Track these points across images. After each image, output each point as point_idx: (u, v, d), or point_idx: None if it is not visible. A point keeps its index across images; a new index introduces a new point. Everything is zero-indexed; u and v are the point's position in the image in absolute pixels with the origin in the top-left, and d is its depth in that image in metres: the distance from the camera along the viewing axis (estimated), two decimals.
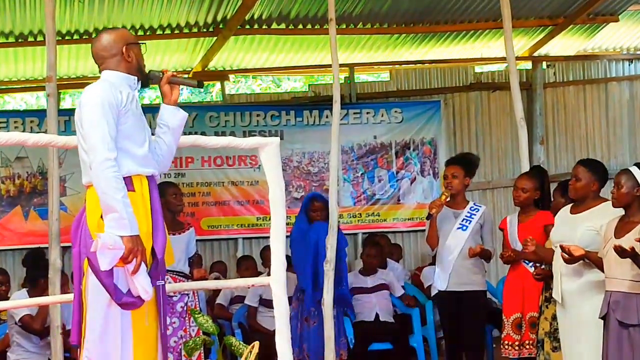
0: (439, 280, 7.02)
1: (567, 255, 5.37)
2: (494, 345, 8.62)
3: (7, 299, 7.82)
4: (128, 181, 4.07)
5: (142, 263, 4.01)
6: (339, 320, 7.82)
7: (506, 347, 6.59)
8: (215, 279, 9.05)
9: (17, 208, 9.75)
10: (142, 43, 4.34)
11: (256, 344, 4.99)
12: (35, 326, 7.15)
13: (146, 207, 4.13)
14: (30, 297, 7.03)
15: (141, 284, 4.02)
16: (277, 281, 4.81)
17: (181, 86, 4.57)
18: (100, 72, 4.30)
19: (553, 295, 5.72)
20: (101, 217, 4.00)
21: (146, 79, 4.35)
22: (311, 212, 7.93)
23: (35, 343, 7.28)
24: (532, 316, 6.44)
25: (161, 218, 4.21)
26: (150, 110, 6.27)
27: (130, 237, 3.95)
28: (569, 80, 11.51)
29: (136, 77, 4.25)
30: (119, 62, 4.20)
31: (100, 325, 4.03)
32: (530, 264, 6.43)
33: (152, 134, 4.39)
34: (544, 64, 11.35)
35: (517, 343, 6.52)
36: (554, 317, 5.90)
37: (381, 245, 9.32)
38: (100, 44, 4.23)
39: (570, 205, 5.82)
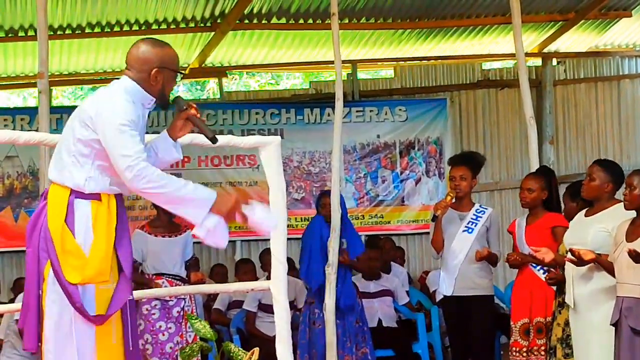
0: (444, 284, 6.97)
1: (574, 258, 5.30)
2: (502, 352, 8.69)
3: None
4: (95, 194, 3.95)
5: (244, 209, 4.01)
6: (348, 324, 7.61)
7: (514, 353, 6.51)
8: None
9: (7, 209, 9.69)
10: (181, 72, 4.29)
11: (256, 350, 5.01)
12: None
13: (111, 218, 4.00)
14: None
15: (262, 225, 4.08)
16: (277, 285, 4.81)
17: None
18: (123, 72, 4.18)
19: (566, 300, 5.68)
20: (65, 220, 3.88)
21: (166, 103, 4.20)
22: (321, 208, 7.81)
23: None
24: (539, 322, 6.38)
25: (128, 231, 4.09)
26: None
27: (214, 205, 3.92)
28: (580, 78, 11.48)
29: (154, 99, 4.11)
30: (142, 78, 4.05)
31: (62, 335, 3.91)
32: (539, 267, 6.35)
33: None
34: (554, 61, 11.31)
35: (524, 349, 6.44)
36: (567, 323, 5.82)
37: (383, 248, 9.32)
38: (137, 53, 4.07)
39: (586, 209, 5.75)
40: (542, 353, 6.31)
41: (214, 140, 4.25)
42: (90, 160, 3.93)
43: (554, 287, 6.08)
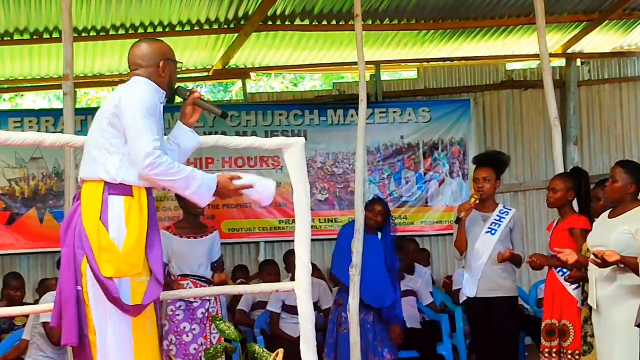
0: (468, 286, 6.95)
1: (598, 260, 5.26)
2: (527, 354, 8.58)
3: (22, 304, 7.82)
4: (127, 187, 4.12)
5: (244, 182, 4.25)
6: (378, 329, 7.54)
7: (542, 354, 6.51)
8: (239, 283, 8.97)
9: (32, 210, 9.70)
10: (180, 62, 4.45)
11: (280, 351, 5.00)
12: (54, 333, 7.01)
13: (143, 215, 4.17)
14: None
15: (261, 194, 4.32)
16: (301, 286, 4.75)
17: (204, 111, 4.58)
18: (129, 75, 4.36)
19: (588, 301, 5.65)
20: (100, 217, 4.04)
21: (173, 96, 4.43)
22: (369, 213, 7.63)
23: (55, 348, 7.15)
24: (552, 323, 6.40)
25: (157, 231, 4.25)
26: None
27: (216, 190, 4.18)
28: (604, 78, 11.42)
29: (164, 92, 4.34)
30: (152, 73, 4.29)
31: (105, 329, 4.07)
32: (558, 269, 6.34)
33: None
34: (578, 61, 11.27)
35: (546, 350, 6.44)
36: (585, 321, 5.84)
37: (407, 249, 9.26)
38: (140, 51, 4.32)
39: (609, 210, 5.72)
40: (554, 355, 6.33)
41: (224, 115, 4.55)
42: (119, 150, 4.10)
43: (574, 287, 6.11)
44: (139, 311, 4.07)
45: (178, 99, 4.48)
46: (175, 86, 4.42)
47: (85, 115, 9.57)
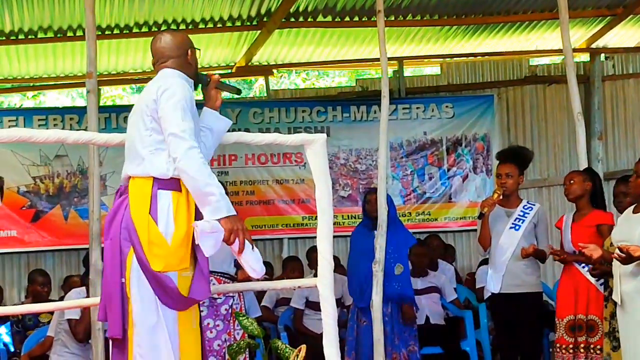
0: (492, 282, 6.94)
1: (623, 255, 5.21)
2: (551, 349, 8.51)
3: (47, 301, 7.84)
4: (175, 182, 4.12)
5: (246, 241, 4.09)
6: (395, 322, 7.56)
7: (558, 350, 6.51)
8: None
9: (57, 208, 9.74)
10: (198, 49, 4.44)
11: (303, 347, 4.98)
12: (79, 330, 7.08)
13: (190, 210, 4.16)
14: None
15: (248, 263, 4.11)
16: (324, 282, 4.71)
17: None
18: (155, 69, 4.37)
19: (612, 297, 5.60)
20: (149, 212, 4.05)
21: (197, 83, 4.45)
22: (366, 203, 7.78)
23: (80, 344, 7.17)
24: (580, 319, 6.39)
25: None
26: None
27: (227, 218, 4.04)
28: (628, 73, 11.37)
29: (192, 82, 4.37)
30: (181, 63, 4.32)
31: (151, 319, 4.07)
32: (583, 265, 6.33)
33: None
34: (603, 56, 11.22)
35: (571, 346, 6.42)
36: (612, 316, 5.77)
37: (430, 245, 9.27)
38: (166, 43, 4.35)
39: (633, 205, 5.67)
40: (582, 350, 6.32)
41: (239, 92, 4.69)
42: (166, 146, 4.10)
43: (600, 282, 6.08)
44: (189, 305, 4.10)
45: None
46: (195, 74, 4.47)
47: (109, 112, 9.63)
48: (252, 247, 4.13)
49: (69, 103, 14.45)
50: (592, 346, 6.31)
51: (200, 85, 4.45)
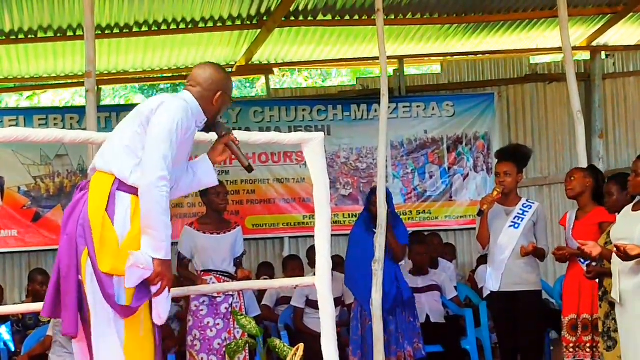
0: (491, 280, 6.96)
1: (621, 254, 5.22)
2: (552, 348, 8.52)
3: None
4: (136, 189, 4.05)
5: (166, 290, 4.06)
6: (400, 320, 7.54)
7: (565, 349, 6.51)
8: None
9: (57, 207, 9.71)
10: (233, 100, 4.45)
11: (301, 346, 5.02)
12: None
13: None
14: None
15: (157, 309, 4.08)
16: (322, 281, 4.77)
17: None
18: (186, 85, 4.36)
19: (612, 295, 5.58)
20: (106, 209, 3.99)
21: (212, 127, 4.39)
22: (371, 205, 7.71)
23: None
24: (585, 318, 6.41)
25: None
26: None
27: (162, 260, 4.01)
28: (629, 71, 11.37)
29: (205, 120, 4.32)
30: (204, 97, 4.27)
31: (104, 318, 4.02)
32: (586, 263, 6.33)
33: None
34: (603, 54, 11.23)
35: (571, 345, 6.45)
36: (607, 316, 5.79)
37: (431, 243, 9.23)
38: (204, 72, 4.32)
39: (633, 203, 5.65)
40: (588, 350, 6.33)
41: (249, 169, 4.44)
42: (140, 154, 4.05)
43: (596, 281, 6.04)
44: (129, 313, 4.00)
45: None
46: (217, 120, 4.39)
47: (109, 112, 9.60)
48: (168, 296, 4.08)
49: (70, 100, 14.48)
50: (597, 345, 6.29)
51: (214, 131, 4.38)
